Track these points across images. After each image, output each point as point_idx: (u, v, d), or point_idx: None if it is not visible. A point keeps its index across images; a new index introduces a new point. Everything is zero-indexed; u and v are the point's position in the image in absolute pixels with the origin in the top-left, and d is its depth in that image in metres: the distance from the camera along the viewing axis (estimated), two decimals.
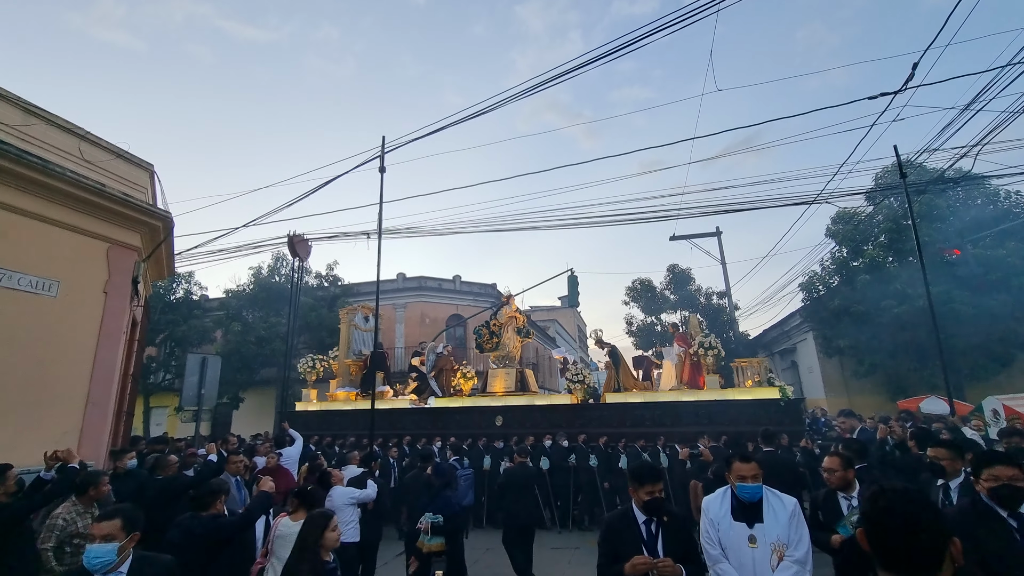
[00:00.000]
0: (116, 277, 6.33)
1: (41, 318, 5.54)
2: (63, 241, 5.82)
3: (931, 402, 13.08)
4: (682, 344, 11.35)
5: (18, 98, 5.54)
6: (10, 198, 5.32)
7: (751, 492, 2.85)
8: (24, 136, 5.48)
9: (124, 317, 6.50)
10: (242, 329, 18.02)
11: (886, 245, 16.66)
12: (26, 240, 5.49)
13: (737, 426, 9.36)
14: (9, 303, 5.28)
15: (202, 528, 3.37)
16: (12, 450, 4.87)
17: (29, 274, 5.46)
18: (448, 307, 23.92)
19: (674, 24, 5.55)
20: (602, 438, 9.74)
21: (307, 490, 3.98)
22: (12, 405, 5.22)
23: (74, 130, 6.04)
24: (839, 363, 18.53)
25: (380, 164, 6.41)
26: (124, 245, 6.48)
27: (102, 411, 6.07)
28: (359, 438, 11.67)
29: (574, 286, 17.16)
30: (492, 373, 13.70)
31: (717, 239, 22.25)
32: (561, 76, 6.44)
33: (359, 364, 14.85)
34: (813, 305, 18.55)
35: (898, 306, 14.84)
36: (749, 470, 2.91)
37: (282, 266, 20.47)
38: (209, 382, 8.98)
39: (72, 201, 5.82)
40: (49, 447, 5.15)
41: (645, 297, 23.65)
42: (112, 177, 6.39)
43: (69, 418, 5.70)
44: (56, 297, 5.67)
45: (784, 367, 23.51)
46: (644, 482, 2.75)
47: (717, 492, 3.10)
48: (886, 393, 16.88)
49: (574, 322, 44.30)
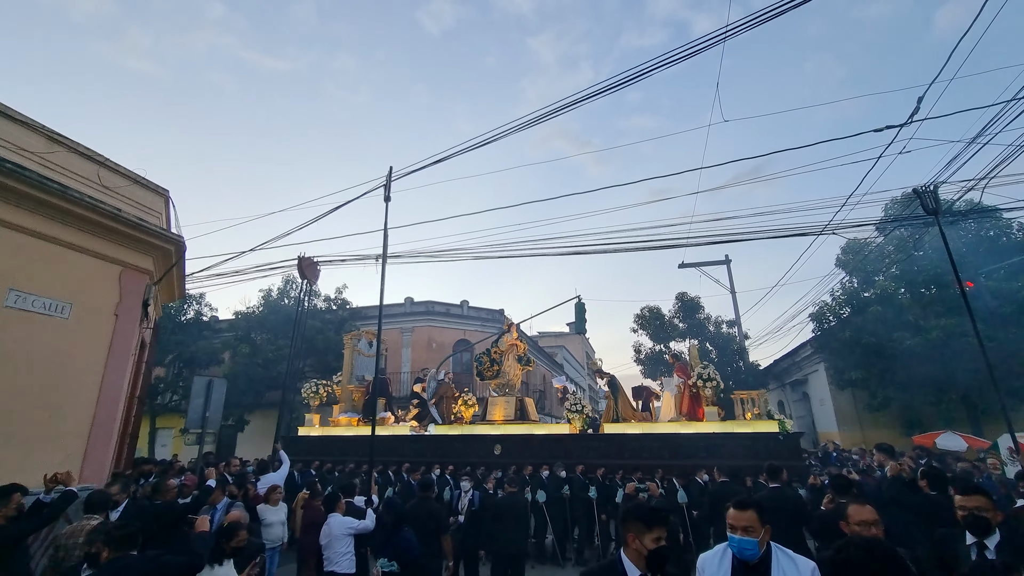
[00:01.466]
0: (127, 300, 6.44)
1: (52, 340, 5.64)
2: (77, 264, 5.96)
3: (947, 437, 12.75)
4: (682, 375, 11.19)
5: (42, 126, 5.76)
6: (28, 221, 5.48)
7: (744, 548, 2.34)
8: (46, 163, 5.67)
9: (133, 340, 6.59)
10: (250, 351, 18.11)
11: (897, 276, 16.50)
12: (41, 262, 5.63)
13: (735, 460, 9.12)
14: (22, 324, 5.39)
15: (138, 570, 2.98)
16: (21, 472, 4.90)
17: (43, 296, 5.58)
18: (455, 332, 23.92)
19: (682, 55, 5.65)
20: (600, 469, 9.60)
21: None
22: (21, 426, 5.28)
23: (94, 157, 6.25)
24: (852, 395, 18.14)
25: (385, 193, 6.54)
26: (136, 268, 6.62)
27: (107, 433, 6.11)
28: (358, 464, 11.58)
29: (581, 313, 17.16)
30: (492, 401, 13.63)
31: (726, 267, 22.18)
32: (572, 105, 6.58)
33: (361, 390, 14.85)
34: (824, 336, 18.29)
35: (911, 338, 14.60)
36: (743, 519, 2.37)
37: (291, 288, 20.66)
38: (214, 405, 9.00)
39: (88, 225, 5.99)
40: (53, 469, 5.19)
41: (654, 325, 23.48)
42: (128, 202, 6.56)
43: (74, 440, 5.74)
44: (68, 319, 5.78)
45: (796, 399, 23.08)
46: (653, 525, 2.17)
47: (716, 548, 2.56)
48: (901, 427, 16.47)
49: (582, 348, 44.02)
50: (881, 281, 16.60)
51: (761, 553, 2.32)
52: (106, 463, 6.16)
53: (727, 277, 22.13)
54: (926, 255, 15.75)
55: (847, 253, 17.72)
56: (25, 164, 5.40)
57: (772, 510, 5.19)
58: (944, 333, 13.96)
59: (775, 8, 4.80)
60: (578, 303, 16.97)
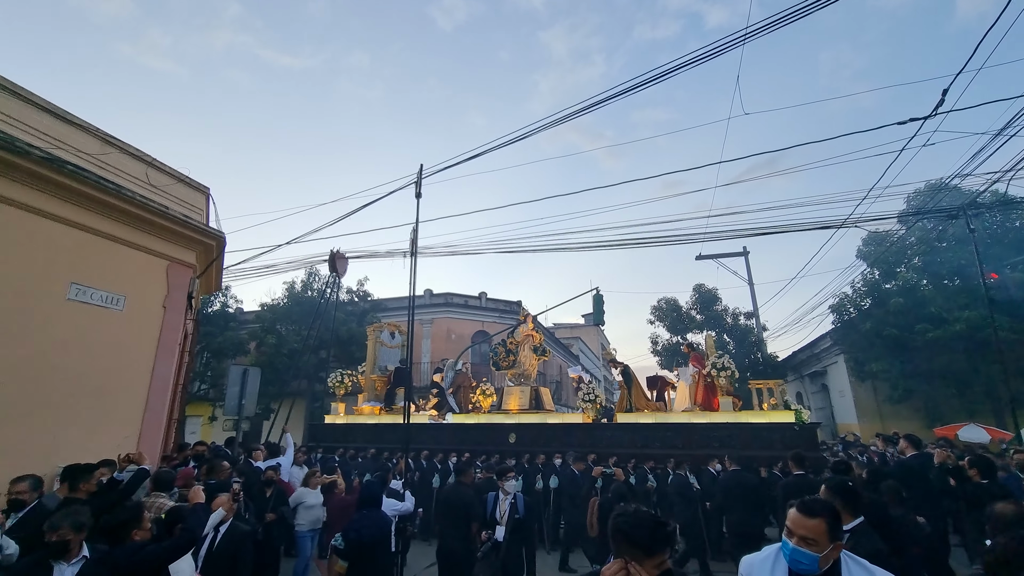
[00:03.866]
0: (174, 293, 6.81)
1: (109, 331, 6.03)
2: (129, 259, 6.34)
3: (970, 430, 12.71)
4: (697, 364, 11.19)
5: (97, 129, 6.12)
6: (87, 219, 5.87)
7: (798, 561, 1.89)
8: (101, 163, 6.01)
9: (180, 330, 6.96)
10: (276, 342, 18.61)
11: (920, 268, 16.37)
12: (98, 258, 6.02)
13: (750, 450, 9.17)
14: (83, 316, 5.77)
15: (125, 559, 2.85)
16: (83, 451, 5.30)
17: (100, 289, 5.97)
18: (474, 324, 24.24)
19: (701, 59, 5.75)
20: (612, 458, 9.57)
21: None
22: (83, 409, 5.70)
23: (143, 157, 6.60)
24: (872, 387, 18.08)
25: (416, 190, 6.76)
26: (181, 263, 6.98)
27: (158, 418, 6.51)
28: (380, 451, 11.93)
29: (599, 305, 17.27)
30: (507, 391, 13.89)
31: (744, 259, 22.09)
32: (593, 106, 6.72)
33: (384, 380, 15.24)
34: (844, 328, 18.22)
35: (933, 330, 14.52)
36: (804, 527, 1.90)
37: (315, 281, 21.11)
38: (249, 393, 9.36)
39: (139, 222, 6.36)
40: (112, 450, 5.58)
41: (671, 317, 23.54)
42: (173, 199, 6.91)
43: (130, 424, 6.15)
44: (123, 311, 6.16)
45: (814, 390, 23.00)
46: (655, 550, 1.72)
47: (767, 550, 2.10)
48: (922, 420, 16.39)
49: (597, 340, 44.13)
50: (903, 273, 16.49)
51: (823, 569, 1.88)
52: (157, 446, 6.56)
53: (745, 269, 22.05)
54: (950, 247, 15.58)
55: (869, 245, 17.59)
56: (82, 165, 5.74)
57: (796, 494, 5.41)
58: (968, 325, 13.87)
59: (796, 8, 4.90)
60: (596, 295, 17.07)
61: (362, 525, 4.14)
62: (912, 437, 7.02)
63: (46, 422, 5.37)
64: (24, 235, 5.28)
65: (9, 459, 4.87)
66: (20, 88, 5.39)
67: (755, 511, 6.50)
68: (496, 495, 5.06)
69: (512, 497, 5.01)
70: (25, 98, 5.44)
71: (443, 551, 5.15)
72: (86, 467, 4.13)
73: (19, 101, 5.39)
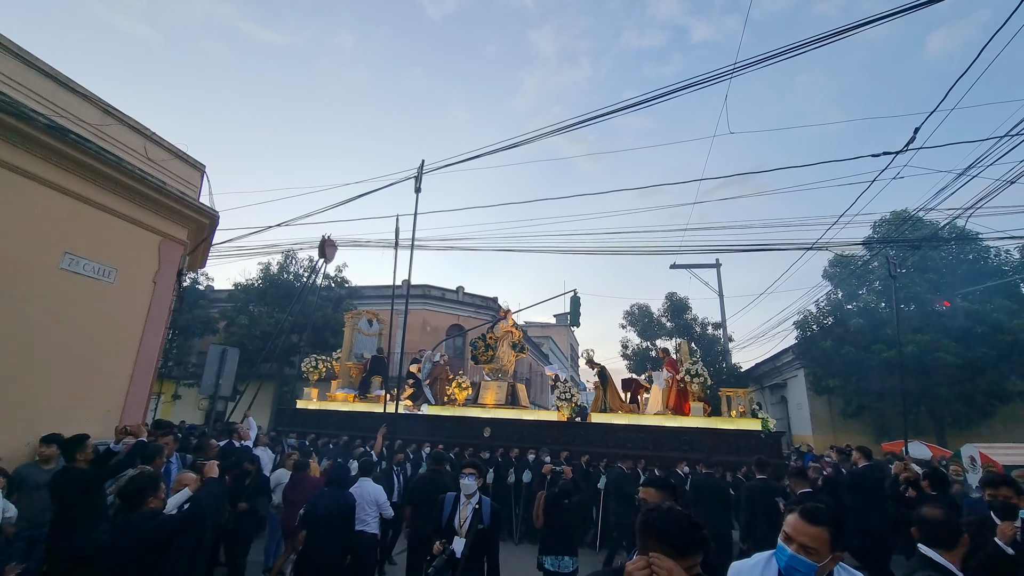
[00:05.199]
0: (164, 268, 6.76)
1: (99, 303, 5.97)
2: (123, 232, 6.28)
3: (914, 446, 13.57)
4: (671, 369, 11.54)
5: (98, 99, 6.02)
6: (83, 189, 5.79)
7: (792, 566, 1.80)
8: (100, 134, 5.93)
9: (168, 306, 6.90)
10: (249, 323, 18.32)
11: (879, 291, 17.29)
12: (92, 229, 5.95)
13: (717, 454, 9.56)
14: (73, 286, 5.71)
15: (138, 526, 2.95)
16: (66, 422, 5.28)
17: (93, 260, 5.89)
18: (449, 317, 24.32)
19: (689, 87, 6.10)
20: (584, 456, 9.87)
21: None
22: (67, 380, 5.63)
23: (142, 130, 6.52)
24: (827, 401, 18.99)
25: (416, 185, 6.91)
26: (173, 239, 6.93)
27: (141, 393, 6.48)
28: (352, 438, 11.89)
29: (576, 307, 17.59)
30: (485, 385, 14.07)
31: (716, 271, 22.84)
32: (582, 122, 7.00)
33: (359, 367, 15.22)
34: (806, 343, 19.08)
35: (887, 351, 15.39)
36: (806, 534, 1.80)
37: (291, 264, 20.82)
38: (227, 372, 9.33)
39: (135, 196, 6.29)
40: (95, 423, 5.59)
41: (642, 322, 24.15)
42: (169, 175, 6.85)
43: (114, 397, 6.11)
44: (113, 284, 6.10)
45: (774, 402, 23.97)
46: (688, 552, 1.61)
47: (757, 557, 2.02)
48: (872, 434, 17.32)
49: (567, 340, 44.72)
50: (864, 295, 17.39)
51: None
52: (139, 419, 6.51)
53: (716, 280, 22.80)
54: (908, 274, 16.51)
55: (835, 266, 18.46)
56: (83, 134, 5.67)
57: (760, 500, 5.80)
58: (919, 348, 14.76)
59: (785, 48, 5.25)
60: (574, 297, 17.40)
61: (321, 501, 4.59)
62: (864, 449, 7.56)
63: (31, 389, 5.30)
64: (22, 201, 5.18)
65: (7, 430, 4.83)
66: (25, 52, 5.28)
67: (722, 512, 6.91)
68: (456, 496, 3.99)
69: (477, 501, 3.92)
70: (29, 62, 5.33)
71: (415, 536, 5.20)
72: (78, 438, 4.15)
73: (22, 64, 5.28)
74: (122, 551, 2.88)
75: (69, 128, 5.42)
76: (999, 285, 14.30)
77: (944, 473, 6.50)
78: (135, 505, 3.07)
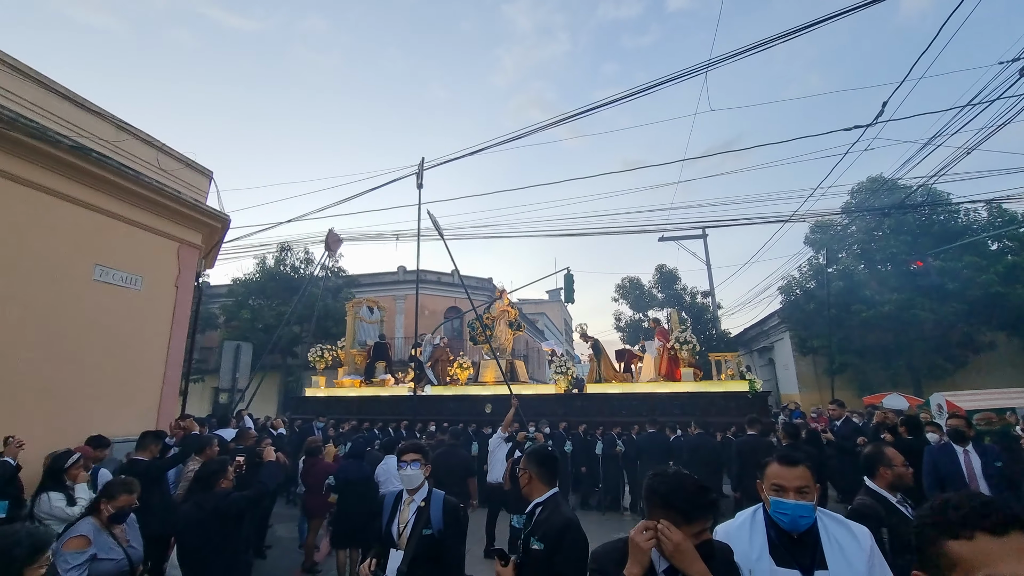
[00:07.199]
0: (184, 273, 7.18)
1: (129, 309, 6.40)
2: (145, 241, 6.67)
3: (893, 398, 14.43)
4: (662, 339, 12.13)
5: (112, 116, 6.34)
6: (107, 204, 6.16)
7: (800, 516, 1.78)
8: (116, 149, 6.27)
9: (189, 308, 7.33)
10: (251, 316, 18.70)
11: (858, 254, 18.03)
12: (118, 240, 6.33)
13: (708, 416, 10.17)
14: (106, 296, 6.13)
15: (214, 503, 3.33)
16: (111, 422, 5.77)
17: (121, 270, 6.30)
18: (446, 300, 24.80)
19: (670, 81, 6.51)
20: (581, 426, 10.39)
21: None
22: (109, 384, 6.10)
23: (153, 142, 6.85)
24: (812, 361, 19.89)
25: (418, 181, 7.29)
26: (190, 244, 7.33)
27: (173, 390, 6.97)
28: (360, 422, 12.45)
29: (570, 284, 18.15)
30: (484, 364, 14.64)
31: (703, 242, 23.43)
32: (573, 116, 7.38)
33: (363, 354, 15.72)
34: (790, 307, 19.87)
35: (867, 311, 16.18)
36: (796, 478, 1.82)
37: (287, 257, 21.09)
38: (242, 366, 9.76)
39: (154, 206, 6.67)
40: (135, 423, 6.09)
41: (634, 295, 24.82)
42: (180, 183, 7.20)
43: (150, 397, 6.59)
44: (140, 291, 6.52)
45: (762, 364, 24.92)
46: (695, 517, 1.58)
47: (741, 516, 2.01)
48: (854, 389, 18.25)
49: (561, 315, 45.44)
50: (844, 259, 18.12)
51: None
52: (173, 416, 7.01)
53: (703, 251, 23.41)
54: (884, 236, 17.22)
55: (815, 232, 19.11)
56: (102, 151, 6.01)
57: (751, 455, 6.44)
58: (895, 306, 15.55)
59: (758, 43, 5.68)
60: (567, 275, 17.92)
61: (348, 469, 5.59)
62: (838, 401, 8.48)
63: (79, 396, 5.77)
64: (54, 220, 5.56)
65: (50, 431, 5.30)
66: (42, 76, 5.57)
67: (715, 470, 7.59)
68: (396, 495, 2.95)
69: (424, 496, 2.88)
70: (47, 86, 5.63)
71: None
72: (156, 432, 4.67)
73: (42, 89, 5.58)
74: (204, 525, 3.39)
75: (91, 147, 5.77)
76: (968, 244, 15.02)
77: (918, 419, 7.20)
78: (209, 486, 3.58)
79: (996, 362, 16.81)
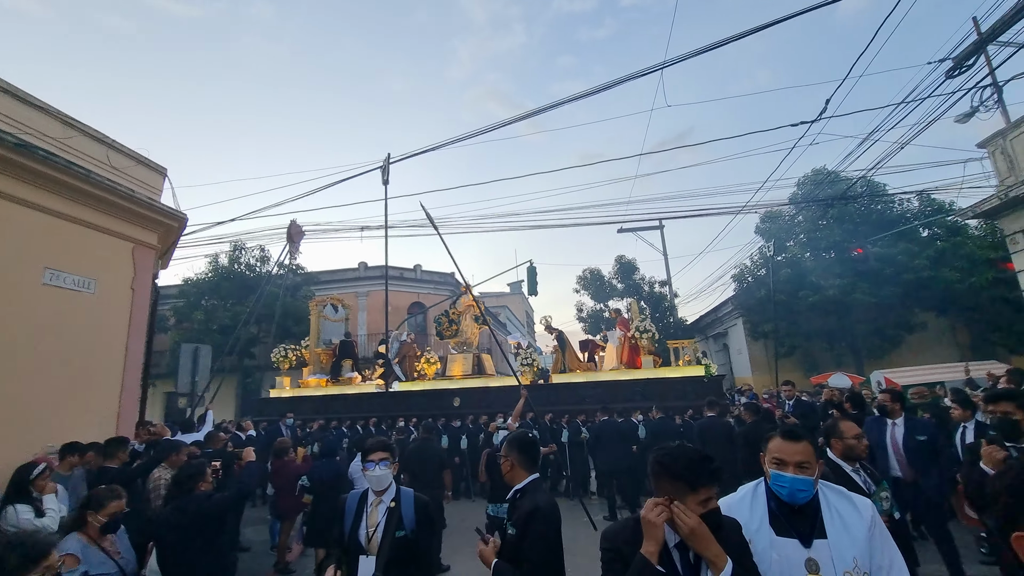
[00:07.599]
0: (140, 274, 6.92)
1: (83, 313, 6.12)
2: (97, 242, 6.38)
3: (837, 377, 15.41)
4: (623, 328, 12.56)
5: (57, 111, 6.01)
6: (56, 204, 5.86)
7: (799, 490, 1.84)
8: (64, 147, 5.98)
9: (147, 311, 7.08)
10: (204, 317, 18.03)
11: (805, 243, 19.06)
12: (69, 243, 6.04)
13: (667, 400, 10.59)
14: (59, 300, 5.85)
15: (196, 506, 3.29)
16: (71, 431, 5.55)
17: (72, 273, 6.02)
18: (410, 295, 24.60)
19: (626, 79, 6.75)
20: (547, 415, 10.47)
21: None
22: (66, 392, 5.84)
23: (103, 139, 6.54)
24: (764, 345, 20.89)
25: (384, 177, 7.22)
26: (146, 244, 7.05)
27: (132, 396, 6.74)
28: (327, 421, 12.33)
29: (533, 276, 18.37)
30: (451, 358, 14.74)
31: (660, 232, 24.12)
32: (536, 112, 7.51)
33: (329, 352, 15.49)
34: (743, 294, 20.80)
35: (812, 295, 17.17)
36: (797, 453, 1.87)
37: (241, 255, 20.41)
38: (202, 370, 9.52)
39: (106, 206, 6.37)
40: (96, 429, 5.90)
41: (595, 286, 25.36)
42: (134, 181, 6.93)
43: (109, 403, 6.35)
44: (94, 294, 6.25)
45: (717, 349, 25.98)
46: (699, 484, 1.63)
47: (744, 489, 2.06)
48: (803, 370, 19.33)
49: (523, 308, 45.80)
50: (791, 247, 19.11)
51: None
52: (133, 422, 6.80)
53: (660, 242, 24.10)
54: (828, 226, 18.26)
55: (765, 222, 20.05)
56: (48, 149, 5.73)
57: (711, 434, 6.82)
58: (838, 291, 16.56)
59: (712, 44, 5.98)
60: (530, 267, 18.11)
61: (321, 469, 5.56)
62: (788, 382, 9.06)
63: (29, 403, 5.51)
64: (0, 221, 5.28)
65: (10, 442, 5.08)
66: None
67: None
68: (361, 495, 2.81)
69: (393, 496, 2.76)
70: None
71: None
72: (119, 439, 4.52)
73: None
74: (185, 528, 3.37)
75: (36, 144, 5.48)
76: (902, 231, 16.14)
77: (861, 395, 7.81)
78: (188, 489, 3.56)
79: (927, 340, 18.18)
